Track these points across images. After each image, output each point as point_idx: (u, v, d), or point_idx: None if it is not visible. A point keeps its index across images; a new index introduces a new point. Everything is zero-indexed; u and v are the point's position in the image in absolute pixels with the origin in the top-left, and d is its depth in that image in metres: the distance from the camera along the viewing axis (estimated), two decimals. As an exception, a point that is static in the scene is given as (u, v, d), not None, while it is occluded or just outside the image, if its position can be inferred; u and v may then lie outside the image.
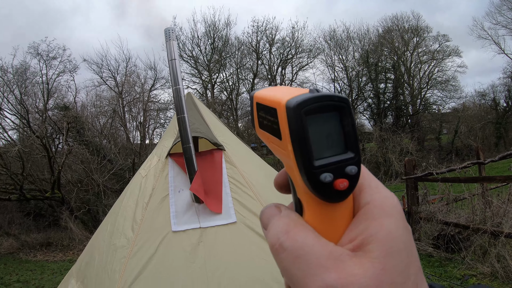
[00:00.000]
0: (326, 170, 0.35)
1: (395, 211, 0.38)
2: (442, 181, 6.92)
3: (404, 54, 27.90)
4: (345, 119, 0.37)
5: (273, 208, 0.42)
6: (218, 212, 2.32)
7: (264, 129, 0.41)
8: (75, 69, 21.19)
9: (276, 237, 0.38)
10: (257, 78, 28.65)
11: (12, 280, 7.78)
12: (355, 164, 0.37)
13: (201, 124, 2.81)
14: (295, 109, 0.34)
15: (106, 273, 2.30)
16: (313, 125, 0.36)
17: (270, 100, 0.39)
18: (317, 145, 0.36)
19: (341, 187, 0.36)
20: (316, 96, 0.35)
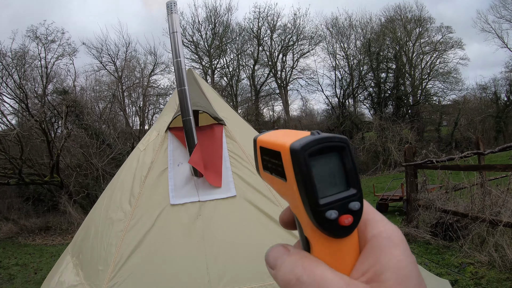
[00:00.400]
0: (331, 207, 0.37)
1: (401, 241, 0.40)
2: (442, 168, 6.90)
3: (406, 44, 27.72)
4: (345, 157, 0.39)
5: (281, 248, 0.43)
6: (217, 186, 2.29)
7: (268, 172, 0.43)
8: (74, 52, 21.05)
9: (291, 273, 0.38)
10: (257, 65, 28.52)
11: (10, 263, 7.84)
12: (358, 200, 0.39)
13: (202, 99, 2.77)
14: (299, 152, 0.36)
15: (102, 247, 2.28)
16: (316, 166, 0.38)
17: (274, 144, 0.40)
18: (321, 184, 0.38)
19: (346, 223, 0.38)
20: (318, 138, 0.38)
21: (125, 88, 22.96)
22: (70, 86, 20.06)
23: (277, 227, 2.19)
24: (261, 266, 2.05)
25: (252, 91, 29.04)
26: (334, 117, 27.21)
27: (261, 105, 29.56)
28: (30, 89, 16.77)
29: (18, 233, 10.79)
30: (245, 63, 28.81)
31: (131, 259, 2.12)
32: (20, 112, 15.66)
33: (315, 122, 30.62)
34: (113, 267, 2.12)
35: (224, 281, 2.02)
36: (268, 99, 30.37)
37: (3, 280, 6.69)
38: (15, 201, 13.63)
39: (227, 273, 2.04)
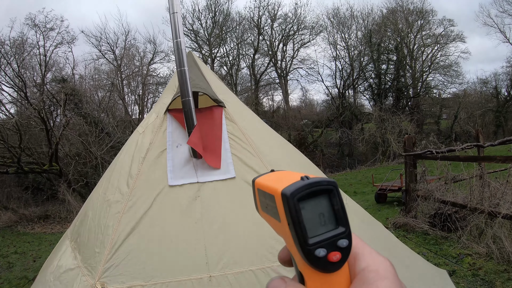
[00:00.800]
0: (320, 246, 0.41)
1: (389, 273, 0.43)
2: (442, 159, 6.86)
3: (408, 36, 27.60)
4: (333, 199, 0.43)
5: (279, 280, 0.47)
6: (216, 167, 2.27)
7: (265, 212, 0.48)
8: (73, 40, 20.97)
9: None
10: (257, 54, 28.39)
11: (9, 252, 7.87)
12: (346, 238, 0.43)
13: (202, 81, 2.72)
14: (289, 197, 0.40)
15: (100, 229, 2.26)
16: (306, 208, 0.41)
17: (269, 187, 0.45)
18: (310, 224, 0.41)
19: (334, 259, 0.42)
20: (307, 184, 0.41)
21: (124, 77, 22.90)
22: (69, 75, 20.03)
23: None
24: (260, 248, 2.05)
25: (252, 81, 28.94)
26: (334, 108, 27.16)
27: (261, 94, 29.54)
28: (28, 78, 16.69)
29: (17, 222, 10.82)
30: (245, 52, 28.75)
31: (128, 240, 2.10)
32: (18, 101, 15.58)
33: (314, 113, 30.63)
34: (110, 249, 2.10)
35: (222, 263, 2.00)
36: (267, 89, 30.38)
37: (2, 268, 6.71)
38: (14, 190, 13.64)
39: (226, 255, 2.03)
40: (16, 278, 6.10)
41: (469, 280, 4.59)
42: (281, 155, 2.74)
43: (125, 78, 22.90)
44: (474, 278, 4.61)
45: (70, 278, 2.22)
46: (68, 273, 2.29)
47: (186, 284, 1.95)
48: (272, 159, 2.47)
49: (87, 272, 2.15)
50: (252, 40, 28.50)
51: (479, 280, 4.55)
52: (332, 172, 21.83)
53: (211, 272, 1.97)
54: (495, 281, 4.44)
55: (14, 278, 6.11)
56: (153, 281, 1.96)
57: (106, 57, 24.42)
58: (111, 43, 24.76)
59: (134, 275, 2.00)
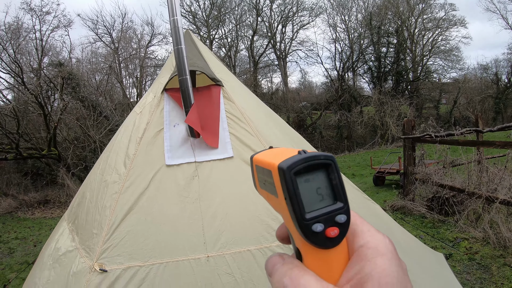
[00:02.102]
0: (317, 221, 0.40)
1: (388, 250, 0.42)
2: (440, 143, 6.85)
3: (409, 20, 27.29)
4: (331, 174, 0.42)
5: (277, 257, 0.46)
6: (214, 146, 2.24)
7: (263, 188, 0.47)
8: (70, 24, 20.69)
9: (281, 282, 0.42)
10: (256, 36, 28.11)
11: (10, 237, 7.91)
12: (344, 213, 0.42)
13: (199, 60, 2.68)
14: (286, 171, 0.39)
15: (97, 210, 2.25)
16: (303, 183, 0.41)
17: (266, 163, 0.44)
18: (308, 199, 0.40)
19: (332, 235, 0.41)
20: (304, 157, 0.41)
21: (121, 60, 22.71)
22: (66, 59, 19.83)
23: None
24: (258, 228, 2.04)
25: (251, 63, 28.72)
26: (333, 90, 27.03)
27: (260, 76, 29.37)
28: (25, 63, 16.48)
29: (17, 208, 10.85)
30: (243, 33, 28.44)
31: (126, 221, 2.09)
32: (15, 86, 15.43)
33: (313, 95, 30.54)
34: (107, 230, 2.09)
35: (220, 243, 1.99)
36: (266, 71, 30.21)
37: (3, 254, 6.75)
38: (14, 177, 13.64)
39: (223, 235, 2.01)
40: (17, 263, 6.15)
41: (465, 264, 4.63)
42: (279, 135, 2.71)
43: (122, 61, 22.77)
44: (470, 262, 4.65)
45: (69, 260, 2.22)
46: (66, 255, 2.29)
47: (184, 264, 1.94)
48: (270, 138, 2.44)
49: (85, 254, 2.14)
50: (251, 21, 28.22)
51: (475, 264, 4.59)
52: (330, 155, 21.79)
53: (208, 252, 1.97)
54: (491, 266, 4.48)
55: (15, 263, 6.16)
56: (151, 261, 1.96)
57: (103, 40, 24.24)
58: (108, 26, 24.54)
59: (132, 256, 1.99)
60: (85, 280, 1.96)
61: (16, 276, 5.52)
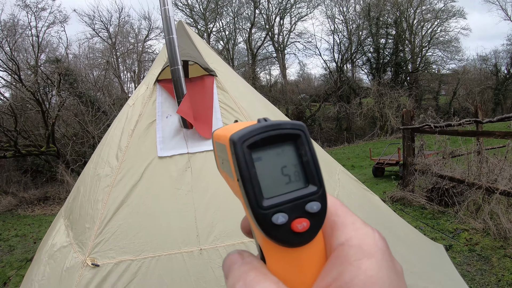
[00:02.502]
0: (279, 210, 0.31)
1: (377, 249, 0.33)
2: (440, 133, 6.82)
3: (407, 10, 27.17)
4: (301, 148, 0.33)
5: (236, 255, 0.37)
6: (207, 137, 2.20)
7: (223, 169, 0.38)
8: (66, 19, 20.63)
9: (233, 286, 0.33)
10: (254, 28, 28.00)
11: (10, 235, 7.93)
12: (318, 200, 0.32)
13: (192, 50, 2.63)
14: (237, 143, 0.31)
15: (90, 204, 2.22)
16: (263, 159, 0.32)
17: (222, 136, 0.35)
18: (268, 182, 0.32)
19: (299, 229, 0.31)
20: (263, 125, 0.32)
21: (119, 55, 22.63)
22: (62, 55, 19.79)
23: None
24: (252, 220, 2.01)
25: (249, 55, 28.63)
26: (332, 82, 26.99)
27: (258, 69, 29.30)
28: (22, 60, 16.43)
29: (17, 205, 10.88)
30: (241, 26, 28.34)
31: (118, 214, 2.06)
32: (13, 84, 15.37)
33: (312, 87, 30.50)
34: (99, 224, 2.06)
35: (213, 235, 1.96)
36: (265, 63, 30.16)
37: (3, 252, 6.78)
38: (14, 174, 13.65)
39: (217, 227, 1.98)
40: (17, 261, 6.16)
41: (466, 255, 4.62)
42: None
43: (120, 56, 22.68)
44: (471, 254, 4.64)
45: (63, 256, 2.19)
46: (61, 251, 2.26)
47: (177, 257, 1.91)
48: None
49: (78, 249, 2.11)
50: (249, 14, 28.10)
51: (476, 256, 4.57)
52: (330, 146, 21.98)
53: (201, 245, 1.93)
54: (491, 257, 4.47)
55: (15, 261, 6.16)
56: (143, 255, 1.92)
57: (100, 35, 24.17)
58: (104, 21, 24.47)
59: (124, 250, 1.96)
60: (78, 275, 1.94)
61: (16, 273, 5.52)
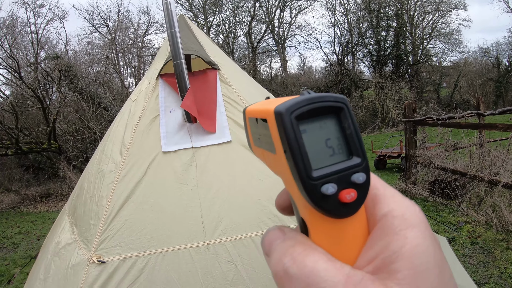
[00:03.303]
0: (328, 180, 0.31)
1: (419, 220, 0.33)
2: (442, 125, 6.81)
3: (408, 2, 27.00)
4: (345, 121, 0.33)
5: (276, 231, 0.37)
6: (212, 131, 2.18)
7: (258, 146, 0.38)
8: (65, 15, 20.52)
9: (280, 263, 0.32)
10: (254, 21, 27.88)
11: (14, 232, 7.94)
12: (363, 171, 0.33)
13: (195, 43, 2.61)
14: (284, 114, 0.31)
15: (94, 200, 2.20)
16: (308, 131, 0.32)
17: (261, 111, 0.35)
18: (314, 153, 0.32)
19: (348, 199, 0.32)
20: (308, 97, 0.32)
21: (119, 50, 22.58)
22: (62, 51, 19.73)
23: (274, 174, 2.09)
24: (258, 214, 1.99)
25: (249, 48, 28.52)
26: (333, 75, 26.90)
27: (258, 62, 29.19)
28: (22, 58, 16.36)
29: (20, 203, 10.87)
30: (241, 19, 28.17)
31: (123, 210, 2.04)
32: (13, 81, 15.34)
33: (313, 80, 30.41)
34: (104, 220, 2.05)
35: (219, 230, 1.94)
36: (265, 56, 30.03)
37: (7, 250, 6.79)
38: (16, 172, 13.64)
39: (223, 221, 1.97)
40: (21, 258, 6.17)
41: (468, 247, 4.63)
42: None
43: (120, 51, 22.63)
44: (473, 246, 4.65)
45: (68, 253, 2.18)
46: (66, 248, 2.25)
47: (183, 252, 1.90)
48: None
49: (84, 245, 2.10)
50: (249, 7, 27.93)
51: (478, 248, 4.58)
52: (331, 138, 21.86)
53: (208, 240, 1.92)
54: (494, 250, 4.48)
55: (19, 258, 6.18)
56: (149, 251, 1.91)
57: (99, 31, 24.11)
58: (103, 16, 24.38)
59: (130, 246, 1.95)
60: (84, 272, 1.92)
61: (20, 270, 5.54)
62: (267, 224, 1.97)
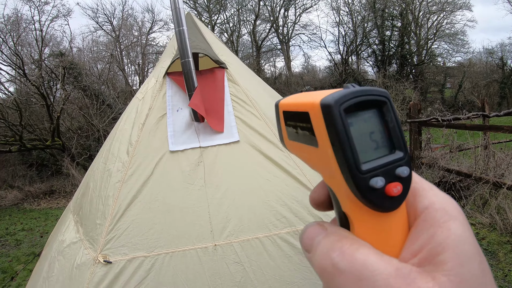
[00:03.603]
0: (376, 174, 0.31)
1: (458, 212, 0.34)
2: (447, 127, 6.76)
3: (413, 2, 26.85)
4: (387, 114, 0.34)
5: (316, 227, 0.37)
6: (219, 131, 2.16)
7: (294, 140, 0.37)
8: (69, 13, 20.52)
9: (328, 257, 0.32)
10: (258, 20, 27.80)
11: (17, 229, 7.91)
12: (406, 165, 0.33)
13: (202, 42, 2.58)
14: (333, 106, 0.30)
15: (101, 199, 2.18)
16: (354, 124, 0.32)
17: (300, 104, 0.35)
18: (361, 147, 0.32)
19: (394, 192, 0.32)
20: (355, 90, 0.32)
21: (123, 48, 22.60)
22: (66, 48, 19.74)
23: (283, 174, 2.08)
24: (266, 215, 1.96)
25: (253, 47, 28.47)
26: (337, 74, 26.79)
27: (263, 61, 29.11)
28: (26, 55, 16.38)
29: (23, 199, 10.86)
30: (245, 18, 28.08)
31: (130, 210, 2.02)
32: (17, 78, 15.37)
33: (317, 79, 30.33)
34: (111, 220, 2.03)
35: (227, 231, 1.92)
36: (269, 55, 29.94)
37: (10, 246, 6.77)
38: (19, 169, 13.64)
39: (231, 222, 1.94)
40: (24, 255, 6.17)
41: (472, 250, 4.60)
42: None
43: (124, 49, 22.64)
44: (477, 248, 4.62)
45: (73, 252, 2.16)
46: (70, 247, 2.23)
47: (191, 253, 1.87)
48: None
49: (89, 245, 2.08)
50: (253, 6, 27.86)
51: (482, 250, 4.54)
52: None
53: (216, 241, 1.90)
54: (498, 252, 4.45)
55: (22, 255, 6.17)
56: (156, 252, 1.89)
57: (103, 28, 24.11)
58: (108, 14, 24.43)
59: (136, 246, 1.93)
60: (89, 272, 1.91)
61: (23, 267, 5.53)
62: (276, 225, 1.95)
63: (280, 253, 1.90)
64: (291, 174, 2.08)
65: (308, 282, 1.86)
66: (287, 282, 1.85)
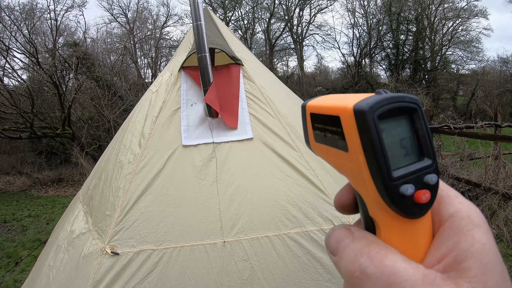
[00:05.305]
0: (406, 181, 0.32)
1: (482, 221, 0.34)
2: (459, 135, 6.68)
3: (429, 7, 26.58)
4: (418, 121, 0.34)
5: (343, 230, 0.37)
6: (233, 127, 2.14)
7: (322, 142, 0.37)
8: (84, 3, 20.65)
9: (355, 262, 0.33)
10: (273, 18, 27.73)
11: (23, 215, 7.99)
12: (434, 172, 0.34)
13: (219, 38, 2.57)
14: (367, 113, 0.30)
15: (111, 191, 2.18)
16: (385, 131, 0.32)
17: (331, 107, 0.34)
18: (392, 153, 0.32)
19: (423, 200, 0.32)
20: (388, 97, 0.32)
21: (137, 40, 22.69)
22: (80, 39, 19.87)
23: (295, 174, 2.06)
24: (276, 214, 1.95)
25: (267, 45, 28.43)
26: (349, 76, 26.63)
27: (275, 59, 29.04)
28: (40, 43, 16.51)
29: (31, 186, 10.95)
30: (260, 16, 28.02)
31: (139, 203, 2.02)
32: (30, 66, 15.51)
33: (329, 80, 30.18)
34: (120, 212, 2.02)
35: (237, 228, 1.91)
36: (282, 54, 29.85)
37: (16, 232, 6.84)
38: (28, 155, 13.77)
39: (241, 220, 1.93)
40: (30, 241, 6.22)
41: (477, 260, 4.56)
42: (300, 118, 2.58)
43: (137, 42, 22.73)
44: (483, 260, 4.58)
45: (81, 242, 2.16)
46: (80, 238, 2.23)
47: (199, 249, 1.87)
48: (292, 120, 2.31)
49: (97, 236, 2.08)
50: (268, 4, 27.78)
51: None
52: (345, 142, 21.83)
53: (225, 237, 1.89)
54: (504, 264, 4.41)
55: (28, 241, 6.23)
56: (164, 245, 1.89)
57: (118, 20, 24.23)
58: (123, 6, 24.54)
59: (145, 239, 1.92)
60: (96, 262, 1.91)
61: (28, 253, 5.58)
62: (286, 224, 1.93)
63: (289, 252, 1.89)
64: (304, 175, 2.07)
65: (315, 284, 1.84)
66: (294, 283, 1.83)
